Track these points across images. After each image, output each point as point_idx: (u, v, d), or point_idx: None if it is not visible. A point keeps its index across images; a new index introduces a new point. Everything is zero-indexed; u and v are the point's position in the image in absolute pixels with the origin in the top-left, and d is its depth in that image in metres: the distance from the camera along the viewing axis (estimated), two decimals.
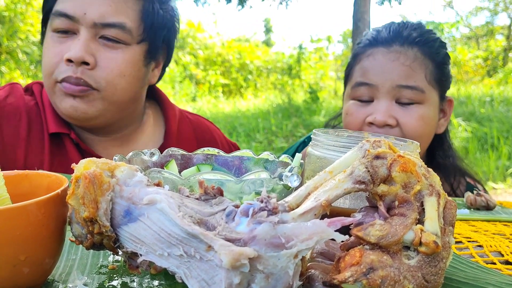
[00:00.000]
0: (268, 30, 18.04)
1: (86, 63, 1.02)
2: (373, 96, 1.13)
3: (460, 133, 6.00)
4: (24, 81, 9.06)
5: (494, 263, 0.63)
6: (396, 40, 1.15)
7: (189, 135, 1.29)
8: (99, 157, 1.13)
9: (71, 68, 1.02)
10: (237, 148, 1.40)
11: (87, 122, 1.10)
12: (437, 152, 1.26)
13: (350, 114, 1.16)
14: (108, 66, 1.04)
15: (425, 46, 1.16)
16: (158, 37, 1.13)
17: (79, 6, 1.03)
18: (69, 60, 1.01)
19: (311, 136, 0.66)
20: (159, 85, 1.36)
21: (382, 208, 0.43)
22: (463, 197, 0.98)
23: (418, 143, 0.61)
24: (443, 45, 1.21)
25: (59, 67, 1.03)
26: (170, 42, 1.19)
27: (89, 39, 1.03)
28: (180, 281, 0.41)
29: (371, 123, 1.11)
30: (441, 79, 1.18)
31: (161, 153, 0.70)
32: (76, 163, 0.45)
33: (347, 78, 1.25)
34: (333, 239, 0.39)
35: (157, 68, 1.20)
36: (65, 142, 1.11)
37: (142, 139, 1.25)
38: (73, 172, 0.45)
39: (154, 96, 1.33)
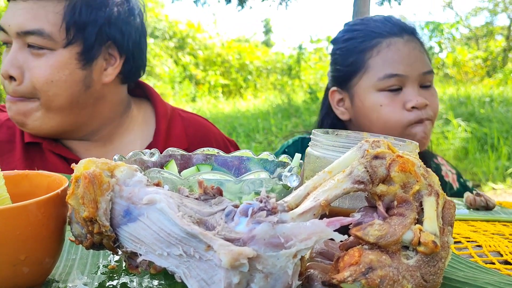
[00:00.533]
0: (267, 31, 18.04)
1: (14, 78, 1.04)
2: (402, 85, 1.20)
3: (459, 133, 6.01)
4: None
5: (493, 263, 0.63)
6: (404, 30, 1.24)
7: (179, 133, 1.26)
8: (79, 160, 1.15)
9: (6, 81, 1.06)
10: (235, 146, 1.39)
11: (39, 133, 1.11)
12: None
13: (386, 105, 1.21)
14: (34, 74, 1.04)
15: (416, 34, 1.28)
16: (89, 36, 1.07)
17: (6, 19, 1.05)
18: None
19: (311, 136, 0.66)
20: (160, 85, 1.36)
21: (381, 208, 0.43)
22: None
23: (417, 143, 0.61)
24: None
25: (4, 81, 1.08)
26: (116, 37, 1.12)
27: (17, 50, 1.04)
28: (179, 280, 0.41)
29: (413, 107, 1.19)
30: (430, 59, 1.31)
31: (160, 153, 0.70)
32: (57, 169, 0.46)
33: (355, 71, 1.26)
34: (332, 239, 0.39)
35: (113, 66, 1.15)
36: (44, 149, 1.13)
37: (128, 138, 1.24)
38: (73, 172, 0.45)
39: (147, 94, 1.32)
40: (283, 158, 0.70)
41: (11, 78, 1.05)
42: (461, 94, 8.31)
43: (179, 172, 0.69)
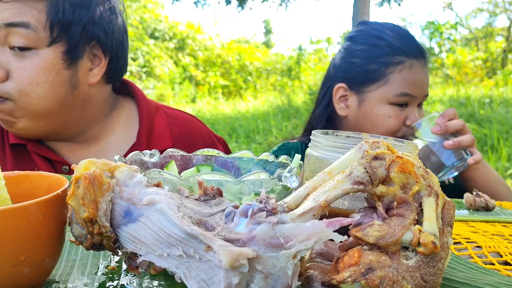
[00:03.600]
0: (268, 32, 18.05)
1: None
2: (408, 103, 1.34)
3: None
4: None
5: (493, 264, 0.63)
6: (420, 54, 1.36)
7: (163, 131, 1.24)
8: (64, 161, 1.15)
9: None
10: (224, 143, 1.38)
11: (27, 135, 1.10)
12: None
13: (393, 117, 1.34)
14: (18, 76, 1.02)
15: (428, 58, 1.41)
16: (74, 34, 1.05)
17: None
18: None
19: (311, 137, 0.66)
20: (160, 86, 1.35)
21: (380, 208, 0.43)
22: None
23: (417, 144, 0.61)
24: None
25: None
26: (100, 36, 1.10)
27: None
28: (179, 281, 0.41)
29: (409, 125, 1.33)
30: None
31: (161, 154, 0.71)
32: (42, 170, 0.46)
33: (374, 80, 1.36)
34: (332, 240, 0.39)
35: (98, 66, 1.13)
36: (29, 151, 1.13)
37: (113, 138, 1.23)
38: (73, 172, 0.45)
39: (131, 92, 1.30)
40: (283, 159, 0.70)
41: None
42: (461, 95, 8.31)
43: (179, 173, 0.69)
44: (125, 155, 1.16)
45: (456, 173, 1.25)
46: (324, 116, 1.46)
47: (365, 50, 1.37)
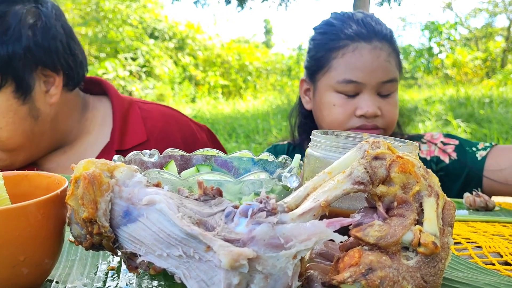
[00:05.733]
0: (268, 31, 18.06)
1: None
2: (358, 91, 1.22)
3: (459, 134, 6.01)
4: None
5: (493, 264, 0.63)
6: (375, 35, 1.24)
7: (136, 127, 1.22)
8: (39, 169, 1.14)
9: None
10: (207, 131, 1.34)
11: (7, 165, 1.10)
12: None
13: (338, 106, 1.24)
14: None
15: (392, 39, 1.27)
16: (16, 70, 1.02)
17: None
18: None
19: (310, 137, 0.66)
20: (160, 86, 1.35)
21: (381, 209, 0.43)
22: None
23: (417, 144, 0.61)
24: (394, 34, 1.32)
25: None
26: (43, 59, 1.06)
27: None
28: (179, 281, 0.41)
29: (362, 116, 1.21)
30: (400, 66, 1.32)
31: (160, 154, 0.70)
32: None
33: (320, 67, 1.29)
34: (332, 240, 0.39)
35: (54, 85, 1.10)
36: None
37: (87, 140, 1.21)
38: (72, 172, 0.45)
39: (105, 91, 1.27)
40: (283, 158, 0.70)
41: None
42: (461, 95, 8.32)
43: (179, 172, 0.69)
44: (99, 156, 1.16)
45: None
46: (299, 113, 1.43)
47: (316, 39, 1.32)
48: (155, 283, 0.50)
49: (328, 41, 1.27)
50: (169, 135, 1.25)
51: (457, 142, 1.35)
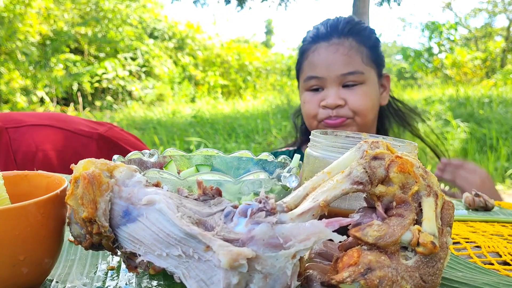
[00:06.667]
0: (269, 32, 18.04)
1: None
2: (323, 85, 1.33)
3: (459, 134, 6.01)
4: (23, 82, 9.06)
5: (492, 264, 0.63)
6: (334, 33, 1.34)
7: (4, 165, 1.05)
8: None
9: None
10: (98, 141, 1.16)
11: None
12: (386, 120, 1.48)
13: (307, 102, 1.36)
14: None
15: (358, 35, 1.35)
16: None
17: None
18: None
19: (310, 137, 0.66)
20: (159, 86, 1.31)
21: (380, 208, 0.43)
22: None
23: (416, 144, 0.61)
24: (372, 31, 1.40)
25: None
26: None
27: None
28: (178, 281, 0.41)
29: (324, 106, 1.32)
30: (377, 60, 1.38)
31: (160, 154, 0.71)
32: None
33: (298, 73, 1.44)
34: (331, 240, 0.39)
35: None
36: None
37: None
38: (72, 172, 0.45)
39: None
40: (282, 158, 0.70)
41: None
42: (460, 95, 8.32)
43: (178, 172, 0.69)
44: None
45: None
46: (299, 113, 1.51)
47: (300, 46, 1.43)
48: (154, 282, 0.50)
49: (302, 47, 1.41)
50: (45, 164, 1.10)
51: None
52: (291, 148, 1.53)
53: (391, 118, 1.47)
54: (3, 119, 1.11)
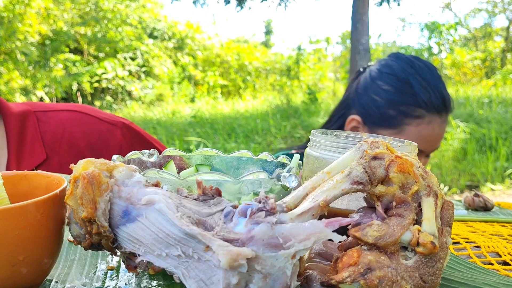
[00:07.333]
0: (269, 32, 18.04)
1: None
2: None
3: (458, 134, 6.01)
4: (22, 82, 9.05)
5: (492, 264, 0.63)
6: (445, 110, 1.27)
7: (33, 143, 1.08)
8: None
9: None
10: (122, 129, 1.20)
11: None
12: None
13: None
14: None
15: (450, 112, 1.31)
16: None
17: None
18: None
19: (310, 137, 0.66)
20: (159, 86, 1.30)
21: (379, 208, 0.43)
22: None
23: (416, 144, 0.61)
24: None
25: None
26: None
27: None
28: (178, 281, 0.41)
29: None
30: None
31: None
32: None
33: (388, 126, 1.27)
34: (331, 240, 0.39)
35: None
36: None
37: None
38: (72, 172, 0.45)
39: None
40: (282, 158, 0.70)
41: None
42: (460, 95, 8.32)
43: (178, 172, 0.69)
44: None
45: None
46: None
47: (389, 92, 1.28)
48: (154, 282, 0.50)
49: (404, 103, 1.26)
50: (72, 145, 1.14)
51: None
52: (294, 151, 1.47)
53: None
54: (31, 105, 1.16)
